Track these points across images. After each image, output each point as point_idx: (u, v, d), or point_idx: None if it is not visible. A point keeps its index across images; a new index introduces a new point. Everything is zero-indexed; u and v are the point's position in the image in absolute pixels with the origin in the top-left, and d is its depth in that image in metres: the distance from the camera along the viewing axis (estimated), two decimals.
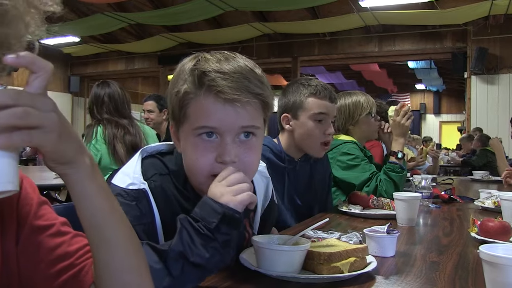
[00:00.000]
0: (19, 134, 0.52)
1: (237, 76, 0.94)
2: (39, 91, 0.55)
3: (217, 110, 0.94)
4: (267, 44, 10.56)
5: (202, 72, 0.95)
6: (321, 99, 1.88)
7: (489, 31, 8.51)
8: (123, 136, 2.87)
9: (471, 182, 4.01)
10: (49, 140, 0.56)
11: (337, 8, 8.30)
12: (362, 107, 2.56)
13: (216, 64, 0.96)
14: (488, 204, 2.20)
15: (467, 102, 8.92)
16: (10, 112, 0.51)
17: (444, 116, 18.25)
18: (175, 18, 8.76)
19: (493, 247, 0.91)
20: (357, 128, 2.58)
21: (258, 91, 0.96)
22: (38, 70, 0.56)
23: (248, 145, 0.99)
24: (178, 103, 0.99)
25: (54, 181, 3.24)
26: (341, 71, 13.72)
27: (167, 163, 1.06)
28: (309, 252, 1.07)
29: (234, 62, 0.98)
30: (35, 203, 0.76)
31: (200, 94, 0.95)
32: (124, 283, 0.71)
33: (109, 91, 2.98)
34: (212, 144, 0.97)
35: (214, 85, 0.93)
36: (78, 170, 0.62)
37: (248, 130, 0.98)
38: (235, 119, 0.95)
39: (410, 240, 1.57)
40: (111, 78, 3.00)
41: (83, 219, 0.66)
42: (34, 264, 0.73)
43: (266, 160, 1.87)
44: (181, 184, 1.05)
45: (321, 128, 1.88)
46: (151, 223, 0.99)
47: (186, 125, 0.99)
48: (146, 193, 0.99)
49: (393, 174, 2.27)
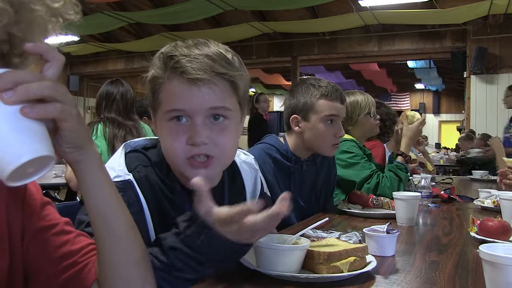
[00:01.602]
0: (51, 105, 0.58)
1: (201, 58, 0.96)
2: (53, 79, 0.61)
3: (182, 91, 0.97)
4: (267, 43, 10.54)
5: (168, 56, 0.99)
6: (332, 100, 1.86)
7: (489, 31, 8.50)
8: (124, 136, 2.86)
9: (471, 181, 4.01)
10: (72, 116, 0.61)
11: (337, 8, 8.29)
12: (360, 107, 2.55)
13: (184, 49, 0.99)
14: (488, 204, 2.19)
15: (467, 102, 8.91)
16: (41, 84, 0.58)
17: (443, 115, 18.25)
18: (175, 17, 8.75)
19: (493, 247, 0.91)
20: (356, 128, 2.58)
21: (222, 70, 0.97)
22: (52, 59, 0.62)
23: (220, 127, 1.00)
24: (151, 89, 1.02)
25: (53, 180, 3.24)
26: (340, 70, 13.71)
27: (150, 156, 1.08)
28: (308, 251, 1.07)
29: (204, 46, 1.00)
30: (38, 203, 0.78)
31: (167, 77, 0.98)
32: (128, 277, 0.72)
33: (122, 89, 2.97)
34: (183, 127, 0.99)
35: (178, 67, 0.96)
36: (89, 157, 0.66)
37: (218, 112, 0.99)
38: (202, 100, 0.97)
39: (410, 239, 1.57)
40: (111, 78, 3.00)
41: (91, 208, 0.69)
42: (39, 262, 0.74)
43: (272, 160, 1.86)
44: (164, 174, 1.06)
45: (331, 130, 1.88)
46: (139, 212, 1.00)
47: (159, 111, 1.02)
48: (132, 183, 1.00)
49: (400, 173, 2.30)
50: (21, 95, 0.56)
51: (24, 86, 0.56)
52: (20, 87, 0.56)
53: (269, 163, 1.85)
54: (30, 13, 0.64)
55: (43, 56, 0.62)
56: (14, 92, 0.55)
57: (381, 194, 2.18)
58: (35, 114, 0.57)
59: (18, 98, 0.56)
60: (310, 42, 10.27)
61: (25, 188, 0.77)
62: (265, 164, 1.82)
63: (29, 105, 0.56)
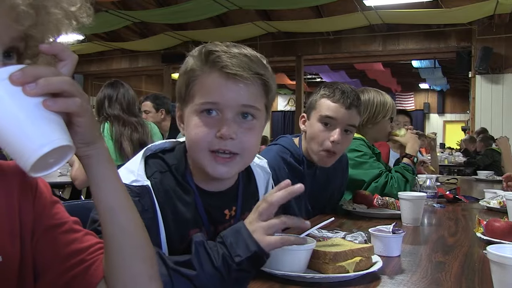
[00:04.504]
0: (71, 100, 0.60)
1: (241, 56, 1.01)
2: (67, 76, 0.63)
3: (219, 85, 1.00)
4: (271, 42, 10.53)
5: (209, 50, 1.02)
6: (334, 101, 1.77)
7: (494, 31, 8.47)
8: (130, 134, 2.88)
9: (476, 182, 4.00)
10: (87, 110, 0.63)
11: (341, 7, 8.27)
12: (387, 109, 2.49)
13: (223, 47, 1.03)
14: (494, 204, 2.19)
15: (472, 102, 8.88)
16: (61, 79, 0.60)
17: (448, 115, 18.18)
18: (179, 16, 8.75)
19: (500, 248, 0.91)
20: (374, 129, 2.50)
21: (259, 71, 1.02)
22: (66, 58, 0.64)
23: (248, 125, 1.04)
24: (185, 81, 1.04)
25: (58, 179, 3.25)
26: (345, 70, 13.69)
27: (168, 160, 1.09)
28: (314, 251, 1.07)
29: (242, 48, 1.04)
30: (48, 202, 0.80)
31: (205, 70, 1.01)
32: (135, 273, 0.73)
33: (122, 90, 3.01)
34: (213, 120, 1.01)
35: (219, 61, 0.99)
36: (100, 151, 0.68)
37: (248, 110, 1.03)
38: (236, 96, 1.00)
39: (415, 240, 1.56)
40: (115, 76, 3.01)
41: (100, 202, 0.70)
42: (48, 260, 0.76)
43: (287, 164, 1.82)
44: (180, 175, 1.08)
45: (326, 133, 1.78)
46: (152, 218, 1.01)
47: (190, 105, 1.04)
48: (149, 189, 1.01)
49: (408, 174, 2.28)
50: (42, 87, 0.58)
51: (45, 79, 0.58)
52: (42, 80, 0.58)
53: (283, 168, 1.80)
54: (49, 16, 0.66)
55: (57, 55, 0.64)
56: (36, 85, 0.58)
57: (387, 194, 2.16)
58: (57, 107, 0.59)
59: (40, 90, 0.58)
60: (315, 41, 10.26)
61: (36, 186, 0.79)
62: (280, 169, 1.78)
63: (51, 98, 0.59)
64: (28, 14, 0.62)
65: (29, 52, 0.68)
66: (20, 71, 0.57)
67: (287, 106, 19.81)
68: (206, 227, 1.08)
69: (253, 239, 0.89)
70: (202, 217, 1.08)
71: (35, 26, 0.64)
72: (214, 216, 1.10)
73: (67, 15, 0.69)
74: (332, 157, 1.82)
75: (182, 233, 1.04)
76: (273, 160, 1.78)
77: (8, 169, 0.76)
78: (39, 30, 0.65)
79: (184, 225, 1.05)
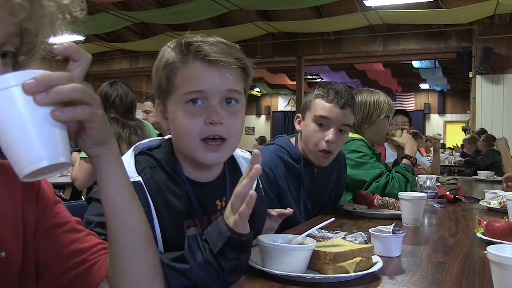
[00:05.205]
0: (79, 108, 0.60)
1: (219, 44, 1.05)
2: (80, 77, 0.63)
3: (202, 73, 1.03)
4: (272, 43, 10.54)
5: (189, 42, 1.05)
6: (328, 101, 1.77)
7: (495, 31, 8.46)
8: (128, 137, 2.86)
9: (476, 182, 3.99)
10: (98, 116, 0.63)
11: (342, 7, 8.27)
12: (382, 108, 2.46)
13: (200, 37, 1.06)
14: (494, 205, 2.18)
15: (472, 102, 8.87)
16: (72, 87, 0.59)
17: (448, 115, 18.17)
18: (180, 17, 8.75)
19: (501, 248, 0.91)
20: (371, 129, 2.48)
21: (239, 55, 1.06)
22: (80, 59, 0.63)
23: (232, 109, 1.06)
24: (165, 75, 1.06)
25: (59, 179, 3.25)
26: (345, 70, 13.69)
27: (156, 155, 1.11)
28: (314, 251, 1.07)
29: (216, 37, 1.08)
30: (51, 202, 0.80)
31: (187, 61, 1.03)
32: (139, 272, 0.73)
33: (121, 92, 2.95)
34: (199, 109, 1.04)
35: (200, 50, 1.02)
36: (110, 151, 0.68)
37: (232, 95, 1.06)
38: (220, 82, 1.03)
39: (416, 240, 1.56)
40: (115, 77, 3.00)
41: (107, 201, 0.70)
42: (49, 259, 0.76)
43: (283, 163, 1.83)
44: (170, 168, 1.09)
45: (320, 133, 1.79)
46: (147, 213, 1.00)
47: (174, 96, 1.06)
48: (141, 185, 1.02)
49: (408, 174, 2.28)
50: (53, 97, 0.58)
51: (56, 88, 0.58)
52: (53, 90, 0.58)
53: (280, 167, 1.81)
54: (42, 8, 0.66)
55: (71, 56, 0.63)
56: (47, 94, 0.57)
57: (388, 194, 2.15)
58: (65, 117, 0.59)
59: (50, 100, 0.58)
60: (315, 42, 10.26)
61: (38, 185, 0.79)
62: (276, 168, 1.79)
63: (58, 108, 0.59)
64: (23, 6, 0.62)
65: (24, 49, 0.68)
66: (33, 79, 0.57)
67: (288, 107, 19.83)
68: (199, 217, 1.09)
69: (225, 225, 0.88)
70: (194, 208, 1.09)
71: (29, 19, 0.64)
72: (206, 207, 1.11)
73: (60, 8, 0.69)
74: (328, 156, 1.83)
75: (177, 225, 1.05)
76: (270, 159, 1.79)
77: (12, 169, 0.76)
78: (33, 23, 0.65)
79: (178, 217, 1.05)
